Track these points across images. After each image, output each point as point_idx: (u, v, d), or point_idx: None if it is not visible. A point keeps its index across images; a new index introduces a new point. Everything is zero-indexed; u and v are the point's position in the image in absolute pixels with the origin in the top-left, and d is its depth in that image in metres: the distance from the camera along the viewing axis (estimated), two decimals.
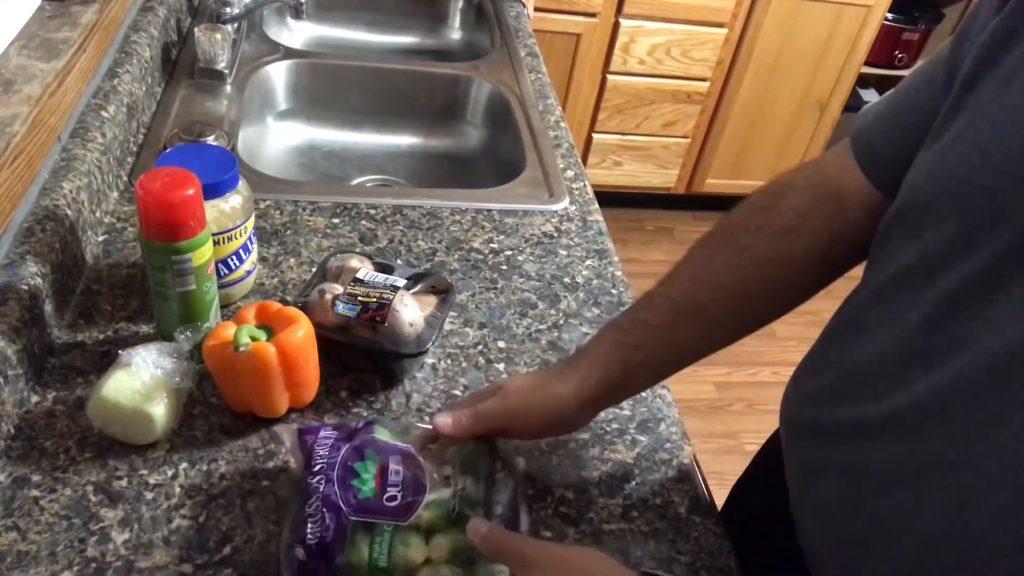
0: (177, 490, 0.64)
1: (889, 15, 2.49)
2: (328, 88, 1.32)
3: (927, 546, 0.48)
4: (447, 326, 0.83)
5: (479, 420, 0.63)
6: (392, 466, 0.60)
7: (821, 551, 0.59)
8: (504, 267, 0.93)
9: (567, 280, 0.93)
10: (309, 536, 0.55)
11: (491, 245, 0.96)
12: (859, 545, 0.54)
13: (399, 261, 0.91)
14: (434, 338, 0.74)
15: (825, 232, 0.64)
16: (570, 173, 1.13)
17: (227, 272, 0.78)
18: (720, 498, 0.78)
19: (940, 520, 0.48)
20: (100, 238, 0.86)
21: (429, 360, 0.79)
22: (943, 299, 0.50)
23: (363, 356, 0.75)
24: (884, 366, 0.54)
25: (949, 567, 0.47)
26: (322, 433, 0.63)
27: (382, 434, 0.63)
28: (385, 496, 0.58)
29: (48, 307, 0.72)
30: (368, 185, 1.28)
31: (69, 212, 0.77)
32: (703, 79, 2.45)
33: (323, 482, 0.58)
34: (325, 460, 0.60)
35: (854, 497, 0.54)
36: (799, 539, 0.63)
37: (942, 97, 0.55)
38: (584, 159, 2.56)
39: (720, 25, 2.34)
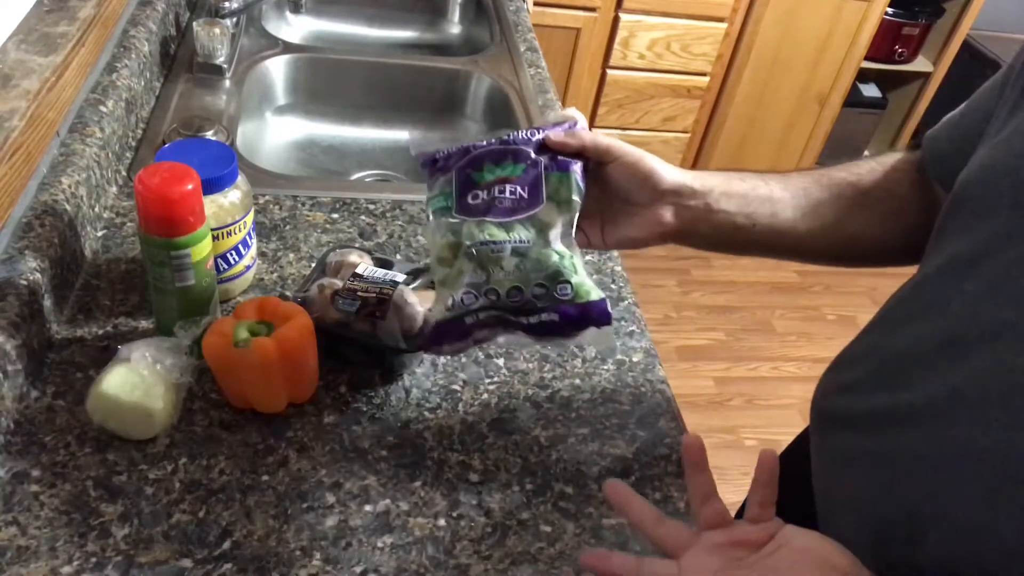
0: (177, 485, 0.64)
1: (889, 10, 2.48)
2: (327, 83, 1.32)
3: (959, 536, 0.48)
4: None
5: (593, 135, 0.69)
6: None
7: (847, 544, 0.59)
8: None
9: None
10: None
11: None
12: (887, 533, 0.53)
13: (399, 256, 0.91)
14: None
15: (920, 184, 0.67)
16: None
17: (226, 267, 0.78)
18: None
19: (974, 509, 0.48)
20: (99, 233, 0.86)
21: (428, 355, 0.79)
22: (984, 287, 0.50)
23: (362, 351, 0.75)
24: (920, 354, 0.55)
25: (983, 557, 0.47)
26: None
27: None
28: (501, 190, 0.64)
29: (47, 302, 0.72)
30: (367, 180, 1.28)
31: (68, 207, 0.77)
32: (703, 74, 2.45)
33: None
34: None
35: (885, 483, 0.55)
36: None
37: (998, 100, 0.58)
38: None
39: (720, 20, 2.34)
